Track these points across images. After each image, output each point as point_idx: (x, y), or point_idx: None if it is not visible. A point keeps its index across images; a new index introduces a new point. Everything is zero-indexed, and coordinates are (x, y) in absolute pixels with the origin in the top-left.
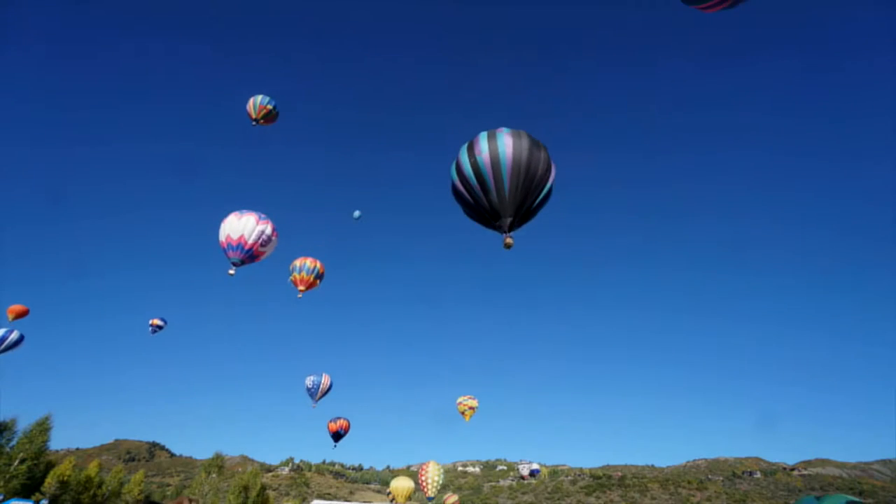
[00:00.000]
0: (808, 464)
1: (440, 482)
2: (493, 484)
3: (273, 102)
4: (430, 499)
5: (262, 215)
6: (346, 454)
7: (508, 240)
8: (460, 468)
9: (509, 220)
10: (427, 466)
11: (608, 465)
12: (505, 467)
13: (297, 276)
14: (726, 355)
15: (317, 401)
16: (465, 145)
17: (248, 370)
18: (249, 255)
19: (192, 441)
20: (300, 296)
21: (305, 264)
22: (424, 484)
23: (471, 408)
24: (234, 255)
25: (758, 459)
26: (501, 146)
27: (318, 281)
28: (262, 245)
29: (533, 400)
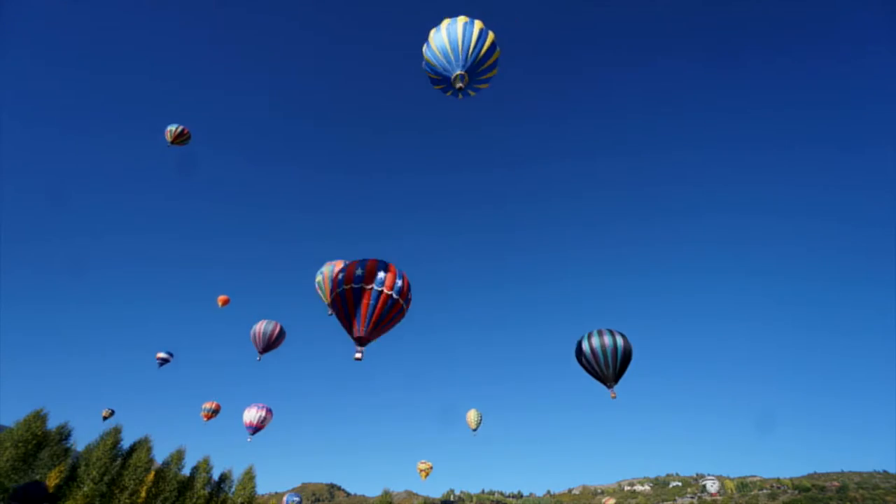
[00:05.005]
0: None
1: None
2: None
3: (180, 126)
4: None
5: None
6: (504, 482)
7: (613, 394)
8: (627, 487)
9: (613, 383)
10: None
11: (816, 473)
12: (679, 483)
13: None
14: None
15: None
16: (586, 334)
17: (402, 400)
18: (256, 430)
19: (364, 480)
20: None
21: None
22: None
23: (423, 470)
24: (250, 431)
25: None
26: (609, 340)
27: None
28: (261, 422)
29: (701, 406)
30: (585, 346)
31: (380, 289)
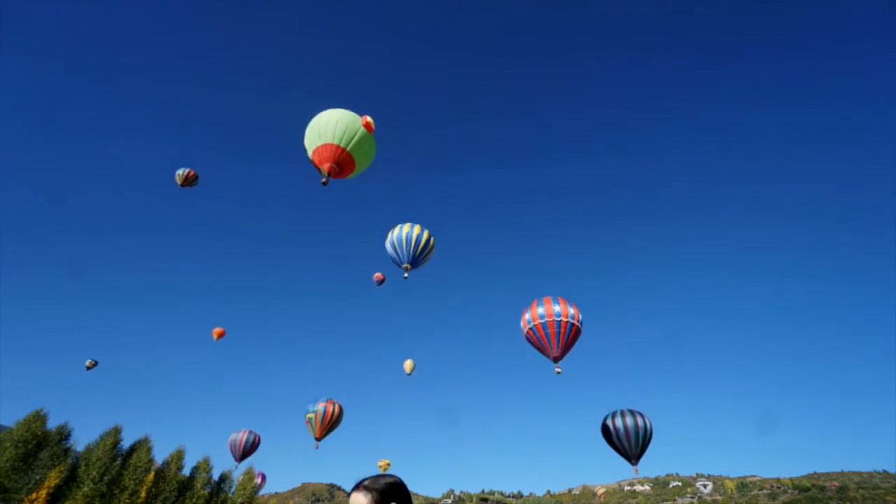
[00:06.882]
0: None
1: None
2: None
3: (188, 169)
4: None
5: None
6: (504, 482)
7: (636, 470)
8: (627, 488)
9: (636, 461)
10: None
11: (816, 473)
12: (679, 483)
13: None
14: None
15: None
16: (619, 412)
17: (402, 400)
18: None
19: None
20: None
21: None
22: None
23: (381, 466)
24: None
25: None
26: (641, 421)
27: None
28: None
29: (701, 406)
30: (620, 423)
31: (558, 319)
